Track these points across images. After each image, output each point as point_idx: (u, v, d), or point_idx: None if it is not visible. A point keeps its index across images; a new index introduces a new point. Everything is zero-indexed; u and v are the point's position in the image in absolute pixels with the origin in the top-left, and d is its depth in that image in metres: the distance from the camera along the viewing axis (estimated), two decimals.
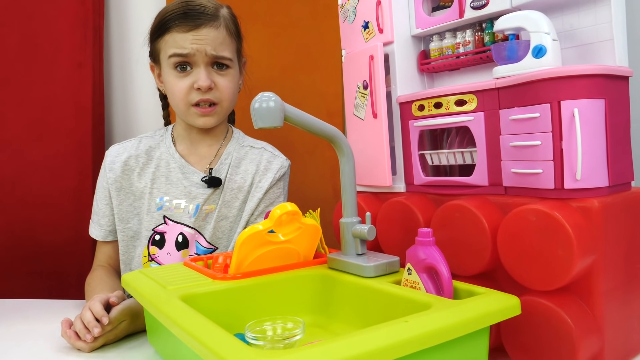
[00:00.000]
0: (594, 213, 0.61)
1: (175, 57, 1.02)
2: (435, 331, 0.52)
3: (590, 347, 0.61)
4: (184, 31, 1.01)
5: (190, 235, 1.06)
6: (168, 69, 1.04)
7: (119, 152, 1.11)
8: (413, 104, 0.81)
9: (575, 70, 0.62)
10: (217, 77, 1.04)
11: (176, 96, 1.04)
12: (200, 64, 1.02)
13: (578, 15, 0.69)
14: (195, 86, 1.02)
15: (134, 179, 1.09)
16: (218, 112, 1.06)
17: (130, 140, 1.14)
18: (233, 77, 1.07)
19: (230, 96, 1.07)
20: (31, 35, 1.47)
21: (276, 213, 0.72)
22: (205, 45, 1.01)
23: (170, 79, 1.04)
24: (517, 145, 0.67)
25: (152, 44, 1.08)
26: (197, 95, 1.03)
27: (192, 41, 1.01)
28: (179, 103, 1.04)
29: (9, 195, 1.45)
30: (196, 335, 0.52)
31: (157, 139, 1.13)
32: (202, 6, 1.03)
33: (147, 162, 1.10)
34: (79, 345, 0.78)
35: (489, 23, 0.78)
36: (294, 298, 0.74)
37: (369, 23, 0.87)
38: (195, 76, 1.02)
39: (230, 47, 1.06)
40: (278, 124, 0.65)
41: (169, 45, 1.02)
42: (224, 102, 1.06)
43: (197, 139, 1.11)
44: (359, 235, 0.73)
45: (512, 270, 0.65)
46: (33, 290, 1.45)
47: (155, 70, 1.11)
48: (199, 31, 1.01)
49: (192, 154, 1.11)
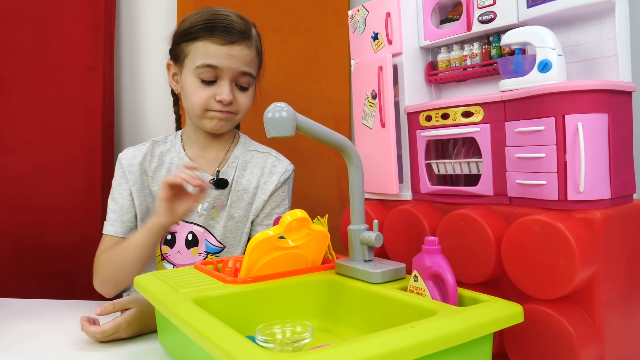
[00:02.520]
0: (596, 224, 0.63)
1: (204, 68, 1.04)
2: (440, 337, 0.53)
3: (591, 354, 0.63)
4: (219, 44, 1.03)
5: (200, 234, 1.09)
6: (191, 76, 1.06)
7: (135, 154, 1.13)
8: (420, 114, 0.83)
9: (579, 86, 0.64)
10: (237, 93, 1.08)
11: (194, 102, 1.07)
12: (226, 78, 1.05)
13: (583, 31, 0.71)
14: (217, 98, 1.05)
15: (149, 182, 1.12)
16: (232, 119, 1.10)
17: (144, 144, 1.16)
18: (251, 93, 1.12)
19: (245, 109, 1.11)
20: (43, 39, 1.50)
21: (286, 219, 0.74)
22: (237, 62, 1.05)
23: (192, 86, 1.06)
24: (522, 157, 0.69)
25: (177, 45, 1.09)
26: (217, 106, 1.06)
27: (226, 56, 1.03)
28: (196, 108, 1.07)
29: (19, 197, 1.47)
30: (210, 337, 0.54)
31: (168, 145, 1.16)
32: (239, 23, 1.06)
33: (159, 166, 1.13)
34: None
35: (496, 36, 0.80)
36: (303, 302, 0.76)
37: (379, 34, 0.89)
38: (218, 89, 1.05)
39: (256, 65, 1.11)
40: (290, 133, 0.67)
41: (200, 53, 1.04)
42: (239, 113, 1.10)
43: (206, 143, 1.14)
44: (367, 242, 0.75)
45: (516, 278, 0.66)
46: (41, 290, 1.46)
47: (172, 69, 1.12)
48: (233, 47, 1.04)
49: (201, 157, 1.14)
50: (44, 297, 1.13)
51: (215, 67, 1.04)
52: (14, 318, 0.97)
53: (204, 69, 1.04)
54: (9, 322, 0.94)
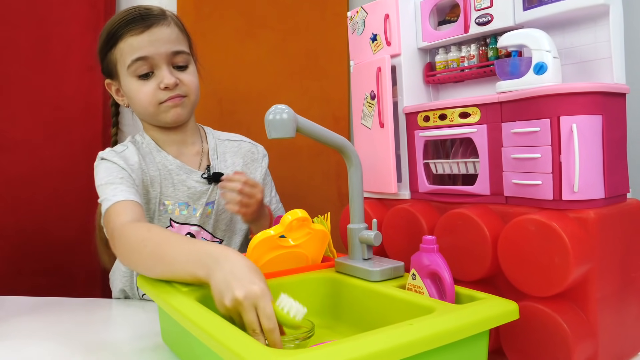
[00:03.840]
0: (590, 223, 0.64)
1: (135, 63, 1.01)
2: (438, 334, 0.55)
3: (585, 350, 0.64)
4: (137, 33, 1.00)
5: (197, 233, 1.10)
6: (129, 79, 1.03)
7: (129, 154, 1.05)
8: (419, 115, 0.84)
9: (574, 88, 0.65)
10: (179, 74, 1.04)
11: (143, 100, 1.03)
12: (161, 64, 1.02)
13: (578, 34, 0.73)
14: (161, 86, 1.01)
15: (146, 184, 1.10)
16: (186, 103, 1.06)
17: (128, 148, 1.07)
18: (193, 71, 1.08)
19: (195, 89, 1.08)
20: (43, 38, 1.51)
21: (287, 219, 0.75)
22: (162, 45, 1.01)
23: (134, 87, 1.03)
24: (518, 157, 0.70)
25: (104, 59, 1.06)
26: (165, 94, 1.02)
27: (149, 42, 1.00)
28: (148, 106, 1.04)
29: (21, 194, 1.49)
30: (212, 333, 0.55)
31: (145, 148, 1.09)
32: (148, 8, 1.04)
33: (148, 167, 1.07)
34: None
35: (493, 38, 0.81)
36: (303, 300, 0.76)
37: (377, 36, 0.90)
38: (158, 77, 1.02)
39: (185, 42, 1.07)
40: (291, 135, 0.68)
41: (126, 52, 1.01)
42: (191, 94, 1.07)
43: (177, 139, 1.11)
44: (366, 241, 0.77)
45: (512, 276, 0.68)
46: (43, 287, 1.48)
47: (113, 86, 1.09)
48: (152, 31, 1.01)
49: (182, 154, 1.11)
50: (44, 294, 1.14)
51: (145, 58, 1.00)
52: (15, 316, 0.98)
53: (136, 64, 1.01)
54: (11, 321, 0.95)
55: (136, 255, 0.80)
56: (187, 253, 0.72)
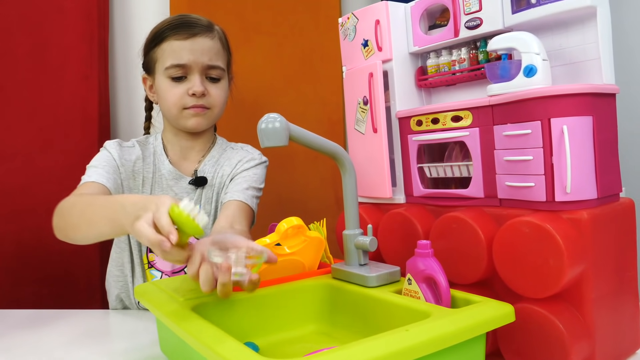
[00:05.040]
0: (584, 224, 0.65)
1: (172, 69, 1.07)
2: (434, 339, 0.55)
3: (582, 351, 0.64)
4: (181, 39, 1.06)
5: None
6: (163, 78, 1.09)
7: (130, 152, 1.12)
8: (411, 119, 0.85)
9: (564, 90, 0.66)
10: (209, 86, 1.10)
11: (169, 101, 1.09)
12: (195, 72, 1.08)
13: (567, 36, 0.73)
14: (189, 92, 1.07)
15: (138, 184, 1.12)
16: (209, 115, 1.12)
17: (135, 146, 1.14)
18: (224, 87, 1.13)
19: (220, 104, 1.13)
20: (39, 48, 1.52)
21: (283, 227, 0.75)
22: (200, 55, 1.07)
23: (165, 87, 1.09)
24: (510, 160, 0.71)
25: (147, 55, 1.13)
26: (191, 100, 1.08)
27: (189, 51, 1.06)
28: (172, 107, 1.09)
29: (18, 203, 1.49)
30: (209, 344, 0.55)
31: (150, 149, 1.16)
32: (197, 19, 1.10)
33: (144, 168, 1.13)
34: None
35: (483, 42, 0.81)
36: (300, 307, 0.78)
37: (368, 41, 0.90)
38: (189, 83, 1.08)
39: (223, 58, 1.13)
40: (284, 143, 0.69)
41: (167, 54, 1.07)
42: (215, 108, 1.12)
43: (186, 145, 1.16)
44: (361, 247, 0.77)
45: (507, 279, 0.68)
46: (41, 297, 1.48)
47: (148, 82, 1.15)
48: (195, 39, 1.07)
49: (183, 159, 1.16)
50: (45, 304, 1.14)
51: (182, 66, 1.07)
52: (16, 329, 0.98)
53: (172, 70, 1.07)
54: (9, 335, 0.95)
55: (67, 218, 0.90)
56: (106, 206, 0.81)
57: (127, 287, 1.13)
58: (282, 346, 0.73)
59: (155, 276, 1.12)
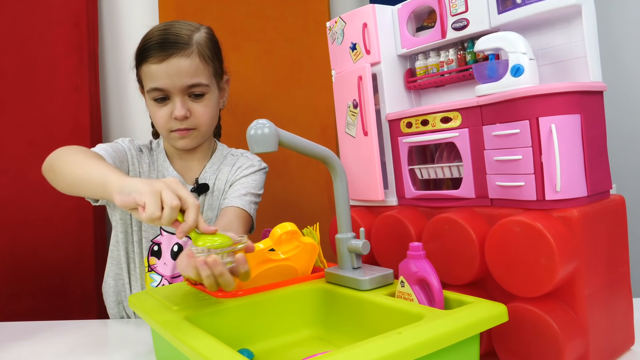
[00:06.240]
0: (574, 222, 0.65)
1: (153, 92, 1.06)
2: (427, 341, 0.55)
3: (576, 348, 0.64)
4: (156, 62, 1.04)
5: (184, 244, 1.10)
6: (149, 99, 1.10)
7: (139, 158, 1.14)
8: (401, 122, 0.85)
9: (551, 89, 0.66)
10: (192, 105, 1.07)
11: (157, 123, 1.11)
12: (175, 94, 1.06)
13: (553, 34, 0.73)
14: (172, 116, 1.06)
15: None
16: (195, 135, 1.11)
17: (143, 152, 1.16)
18: (210, 101, 1.10)
19: (207, 120, 1.10)
20: (28, 60, 1.51)
21: (276, 232, 0.75)
22: (178, 78, 1.04)
23: (151, 108, 1.10)
24: (500, 160, 0.71)
25: (137, 71, 1.12)
26: (175, 124, 1.08)
27: (165, 74, 1.03)
28: (160, 129, 1.11)
29: (11, 216, 1.49)
30: (204, 353, 0.55)
31: (154, 156, 1.18)
32: (176, 35, 1.05)
33: (149, 174, 1.15)
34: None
35: (470, 42, 0.82)
36: (295, 312, 0.77)
37: (357, 44, 0.91)
38: (172, 106, 1.06)
39: (205, 72, 1.08)
40: (273, 149, 0.69)
41: (147, 76, 1.07)
42: (201, 126, 1.10)
43: (186, 156, 1.17)
44: (354, 250, 0.77)
45: (500, 278, 0.68)
46: (37, 310, 1.48)
47: (143, 93, 1.15)
48: (170, 62, 1.03)
49: (185, 168, 1.17)
50: (41, 316, 1.13)
51: (161, 89, 1.05)
52: (12, 342, 0.97)
53: (154, 92, 1.06)
54: (8, 347, 0.94)
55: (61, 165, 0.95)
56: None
57: (126, 290, 1.14)
58: (277, 352, 0.73)
59: (154, 280, 1.11)
